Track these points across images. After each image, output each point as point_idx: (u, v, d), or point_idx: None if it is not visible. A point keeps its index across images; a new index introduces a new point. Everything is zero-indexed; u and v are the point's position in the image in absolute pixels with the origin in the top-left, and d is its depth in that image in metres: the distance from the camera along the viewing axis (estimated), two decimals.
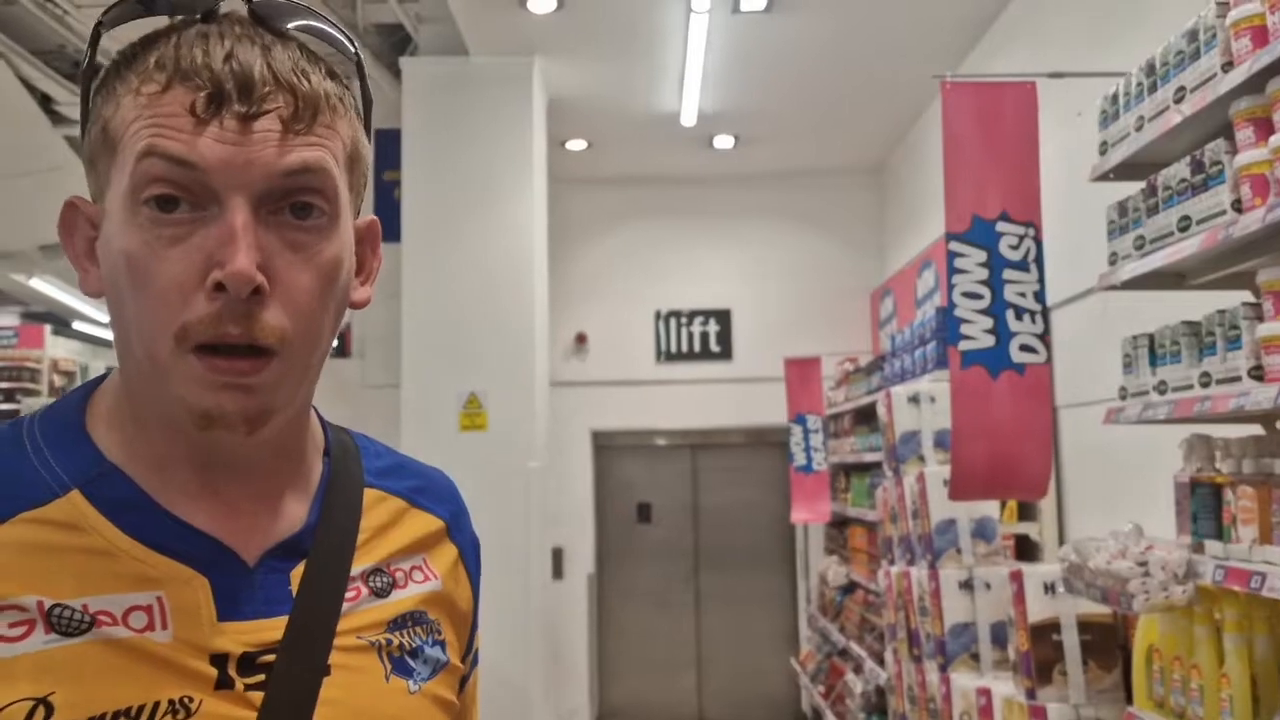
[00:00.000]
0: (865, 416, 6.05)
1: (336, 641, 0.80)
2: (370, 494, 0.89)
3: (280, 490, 0.83)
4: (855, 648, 5.85)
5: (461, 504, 0.98)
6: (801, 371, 7.26)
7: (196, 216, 0.73)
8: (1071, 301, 4.33)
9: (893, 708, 4.53)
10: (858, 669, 5.87)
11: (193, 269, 0.72)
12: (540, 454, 5.59)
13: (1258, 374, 2.27)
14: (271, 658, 0.76)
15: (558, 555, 7.46)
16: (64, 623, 0.71)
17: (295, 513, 0.83)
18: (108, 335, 4.83)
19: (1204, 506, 2.46)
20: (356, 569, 0.84)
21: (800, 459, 7.20)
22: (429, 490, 0.95)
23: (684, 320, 8.10)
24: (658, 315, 8.11)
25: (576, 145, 7.31)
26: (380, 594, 0.85)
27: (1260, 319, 2.30)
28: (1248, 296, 2.47)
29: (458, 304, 5.54)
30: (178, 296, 0.72)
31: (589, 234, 8.06)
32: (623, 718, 8.05)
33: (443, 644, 0.88)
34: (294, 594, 0.79)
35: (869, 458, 5.80)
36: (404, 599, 0.86)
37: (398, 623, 0.85)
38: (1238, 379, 2.33)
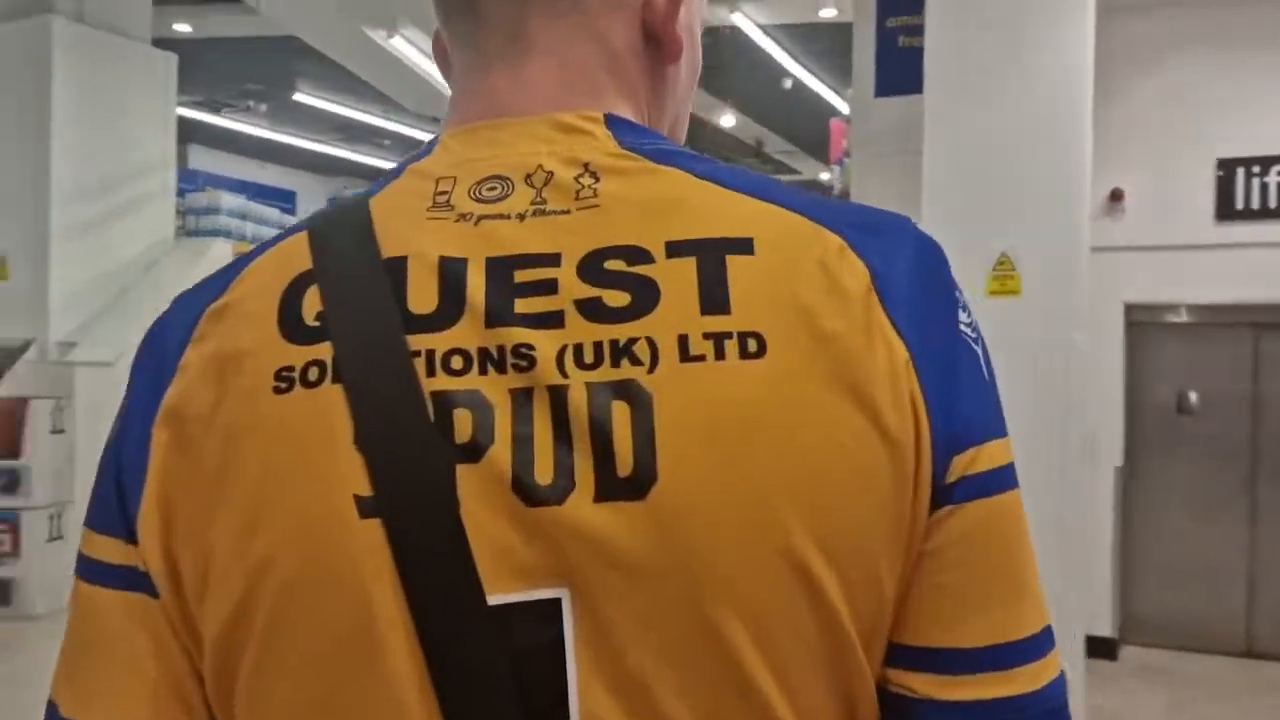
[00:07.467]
0: None
1: None
2: None
3: None
4: None
5: None
6: None
7: None
8: None
9: None
10: None
11: None
12: (1084, 326, 4.81)
13: None
14: None
15: (1085, 442, 6.59)
16: None
17: None
18: None
19: None
20: None
21: None
22: None
23: (1256, 169, 6.62)
24: (1219, 164, 6.69)
25: None
26: None
27: None
28: None
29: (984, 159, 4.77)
30: None
31: (1135, 67, 6.75)
32: (1145, 630, 7.07)
33: None
34: None
35: None
36: None
37: None
38: None
